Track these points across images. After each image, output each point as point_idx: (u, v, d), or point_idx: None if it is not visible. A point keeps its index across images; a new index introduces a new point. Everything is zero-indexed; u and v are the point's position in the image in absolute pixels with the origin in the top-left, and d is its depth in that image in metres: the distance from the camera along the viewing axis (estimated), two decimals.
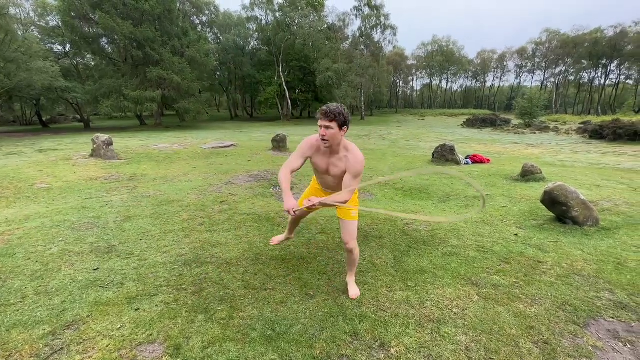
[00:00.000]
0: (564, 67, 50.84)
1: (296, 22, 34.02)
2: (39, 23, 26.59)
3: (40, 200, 4.72)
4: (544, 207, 3.98)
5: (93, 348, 1.73)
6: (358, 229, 3.56)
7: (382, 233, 3.46)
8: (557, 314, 2.03)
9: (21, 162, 7.67)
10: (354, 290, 2.28)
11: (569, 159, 9.66)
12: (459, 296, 2.25)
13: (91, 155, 8.16)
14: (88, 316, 2.01)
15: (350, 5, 35.17)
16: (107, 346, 1.74)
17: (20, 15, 26.66)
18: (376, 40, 35.50)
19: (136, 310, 2.08)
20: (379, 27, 34.43)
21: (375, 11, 33.30)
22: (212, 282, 2.43)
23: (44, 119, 28.61)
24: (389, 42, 36.58)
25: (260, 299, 2.23)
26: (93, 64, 27.60)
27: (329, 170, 2.11)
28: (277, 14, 35.28)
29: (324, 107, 1.87)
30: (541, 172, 6.10)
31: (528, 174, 6.05)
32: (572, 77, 52.25)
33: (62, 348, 1.73)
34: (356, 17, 34.02)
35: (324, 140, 1.91)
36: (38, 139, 15.42)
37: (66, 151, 9.61)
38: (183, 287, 2.36)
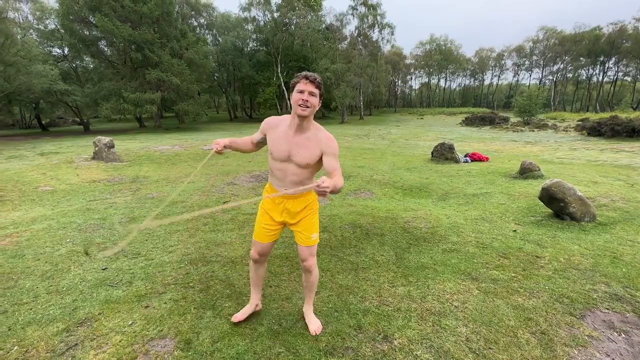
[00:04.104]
0: (562, 65, 50.97)
1: (294, 22, 34.09)
2: (37, 26, 26.62)
3: (45, 202, 4.78)
4: (542, 203, 4.05)
5: (106, 343, 1.79)
6: (360, 226, 3.66)
7: (383, 231, 3.53)
8: (554, 306, 2.10)
9: (23, 166, 7.73)
10: (315, 324, 1.89)
11: (567, 156, 9.74)
12: (459, 290, 2.31)
13: (93, 158, 8.22)
14: (100, 314, 2.07)
15: (348, 6, 34.88)
16: (120, 341, 1.80)
17: (19, 19, 26.72)
18: (374, 39, 35.55)
19: (146, 307, 2.14)
20: (377, 26, 34.50)
21: (372, 10, 33.36)
22: (219, 280, 2.49)
23: (43, 122, 28.63)
24: (387, 41, 36.65)
25: (266, 296, 2.29)
26: (92, 66, 27.65)
27: (291, 154, 1.64)
28: (275, 14, 35.33)
29: (309, 73, 1.57)
30: (539, 170, 6.17)
31: (526, 172, 6.12)
32: (570, 75, 52.38)
33: (76, 344, 1.79)
34: (353, 16, 34.08)
35: (304, 107, 1.54)
36: (38, 142, 15.46)
37: (67, 154, 9.66)
38: (190, 284, 2.42)
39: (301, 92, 1.54)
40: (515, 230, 3.51)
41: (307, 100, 1.54)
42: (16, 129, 31.00)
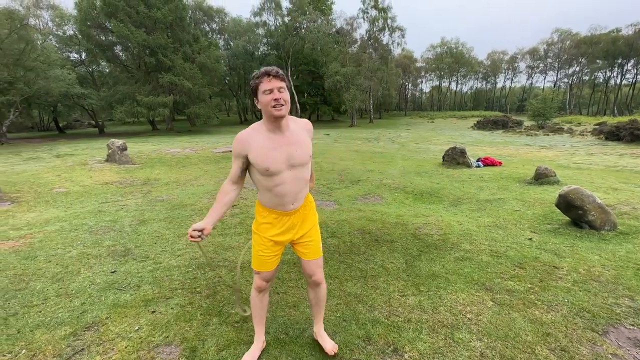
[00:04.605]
0: (578, 67, 49.78)
1: (304, 26, 34.33)
2: (56, 32, 27.54)
3: (59, 204, 4.87)
4: (558, 210, 3.90)
5: (112, 349, 1.78)
6: (369, 232, 3.60)
7: (393, 237, 3.45)
8: (575, 321, 1.99)
9: (40, 167, 7.93)
10: (330, 342, 1.76)
11: (584, 161, 9.44)
12: (473, 301, 2.23)
13: (106, 160, 8.38)
14: (107, 318, 2.06)
15: (358, 9, 34.91)
16: (126, 347, 1.79)
17: (39, 25, 27.70)
18: (384, 42, 35.46)
19: (153, 312, 2.12)
20: (387, 29, 34.42)
21: (383, 13, 33.31)
22: (226, 285, 2.47)
23: (60, 124, 29.52)
24: (398, 44, 36.48)
25: (273, 303, 2.25)
26: (108, 71, 28.40)
27: (290, 157, 1.44)
28: (286, 19, 35.67)
29: (267, 68, 1.38)
30: (555, 175, 5.98)
31: (542, 177, 5.94)
32: (586, 77, 51.11)
33: (83, 349, 1.78)
34: (364, 20, 34.09)
35: (279, 107, 1.36)
36: (55, 144, 15.90)
37: (82, 156, 9.88)
38: (197, 290, 2.41)
39: (269, 91, 1.35)
40: (531, 239, 3.39)
41: (280, 98, 1.35)
42: (35, 131, 32.03)
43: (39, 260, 2.87)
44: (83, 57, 28.37)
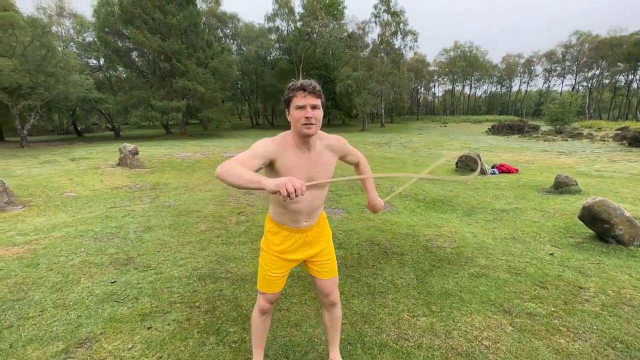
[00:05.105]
0: (598, 70, 48.24)
1: (317, 31, 34.48)
2: (77, 39, 28.52)
3: (68, 209, 4.90)
4: (581, 222, 3.66)
5: None
6: (378, 244, 3.44)
7: (403, 249, 3.29)
8: (606, 352, 1.79)
9: (54, 171, 8.08)
10: None
11: (607, 168, 9.00)
12: (490, 325, 2.05)
13: (118, 164, 8.48)
14: (101, 333, 1.98)
15: (370, 14, 34.85)
16: None
17: (62, 32, 28.75)
18: (397, 47, 35.27)
19: (149, 328, 2.03)
20: (399, 33, 34.22)
21: (395, 17, 33.15)
22: (226, 300, 2.36)
23: (79, 128, 30.43)
24: (410, 48, 36.25)
25: (274, 320, 2.12)
26: (125, 76, 29.17)
27: (311, 177, 1.35)
28: (298, 24, 35.94)
29: (304, 82, 1.29)
30: (576, 184, 5.68)
31: (562, 186, 5.65)
32: (606, 81, 49.47)
33: None
34: (376, 24, 34.00)
35: (309, 125, 1.26)
36: (72, 147, 16.32)
37: (96, 160, 10.06)
38: (196, 304, 2.31)
39: (302, 107, 1.26)
40: (552, 254, 3.16)
41: (312, 117, 1.26)
42: (55, 134, 33.14)
43: (41, 268, 2.84)
44: (101, 63, 29.25)
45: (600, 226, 3.38)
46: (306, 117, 1.26)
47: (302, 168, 1.34)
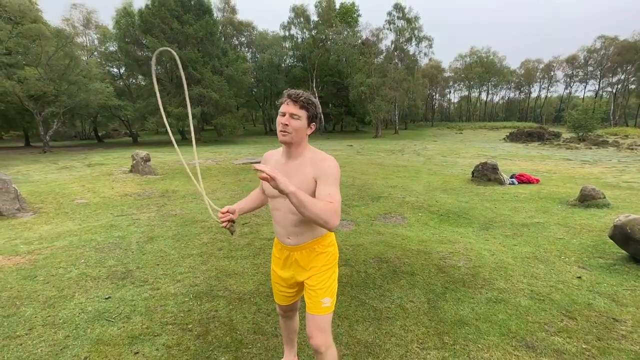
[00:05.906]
0: (624, 75, 46.30)
1: (330, 38, 34.65)
2: (100, 49, 29.69)
3: (76, 216, 4.91)
4: (611, 241, 3.34)
5: None
6: (387, 261, 3.23)
7: (414, 268, 3.06)
8: None
9: (69, 177, 8.24)
10: None
11: (637, 179, 8.43)
12: None
13: (130, 171, 8.58)
14: (86, 358, 1.86)
15: (384, 21, 34.76)
16: None
17: (87, 42, 30.00)
18: (411, 53, 34.98)
19: (135, 354, 1.90)
20: (414, 39, 33.95)
21: (410, 23, 32.94)
22: (220, 323, 2.21)
23: (99, 134, 31.50)
24: (425, 54, 35.89)
25: (270, 349, 1.96)
26: (144, 84, 30.07)
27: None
28: (313, 32, 36.25)
29: (291, 91, 1.31)
30: (604, 197, 5.29)
31: (588, 199, 5.27)
32: (633, 86, 47.36)
33: None
34: (390, 30, 33.86)
35: (284, 132, 1.29)
36: (91, 153, 16.79)
37: (111, 166, 10.24)
38: (189, 327, 2.17)
39: (282, 114, 1.30)
40: (580, 277, 2.87)
41: (287, 125, 1.28)
42: (77, 140, 34.38)
43: (38, 280, 2.78)
44: (122, 71, 30.28)
45: (634, 247, 3.06)
46: (282, 124, 1.29)
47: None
